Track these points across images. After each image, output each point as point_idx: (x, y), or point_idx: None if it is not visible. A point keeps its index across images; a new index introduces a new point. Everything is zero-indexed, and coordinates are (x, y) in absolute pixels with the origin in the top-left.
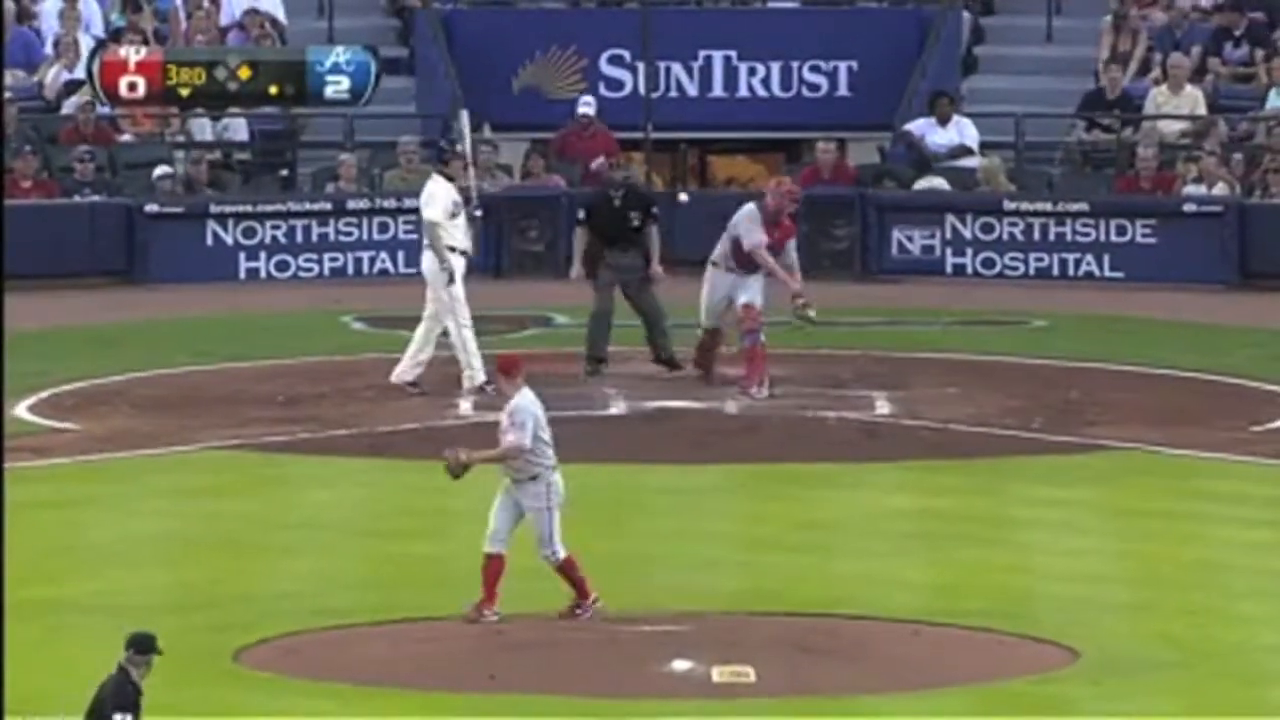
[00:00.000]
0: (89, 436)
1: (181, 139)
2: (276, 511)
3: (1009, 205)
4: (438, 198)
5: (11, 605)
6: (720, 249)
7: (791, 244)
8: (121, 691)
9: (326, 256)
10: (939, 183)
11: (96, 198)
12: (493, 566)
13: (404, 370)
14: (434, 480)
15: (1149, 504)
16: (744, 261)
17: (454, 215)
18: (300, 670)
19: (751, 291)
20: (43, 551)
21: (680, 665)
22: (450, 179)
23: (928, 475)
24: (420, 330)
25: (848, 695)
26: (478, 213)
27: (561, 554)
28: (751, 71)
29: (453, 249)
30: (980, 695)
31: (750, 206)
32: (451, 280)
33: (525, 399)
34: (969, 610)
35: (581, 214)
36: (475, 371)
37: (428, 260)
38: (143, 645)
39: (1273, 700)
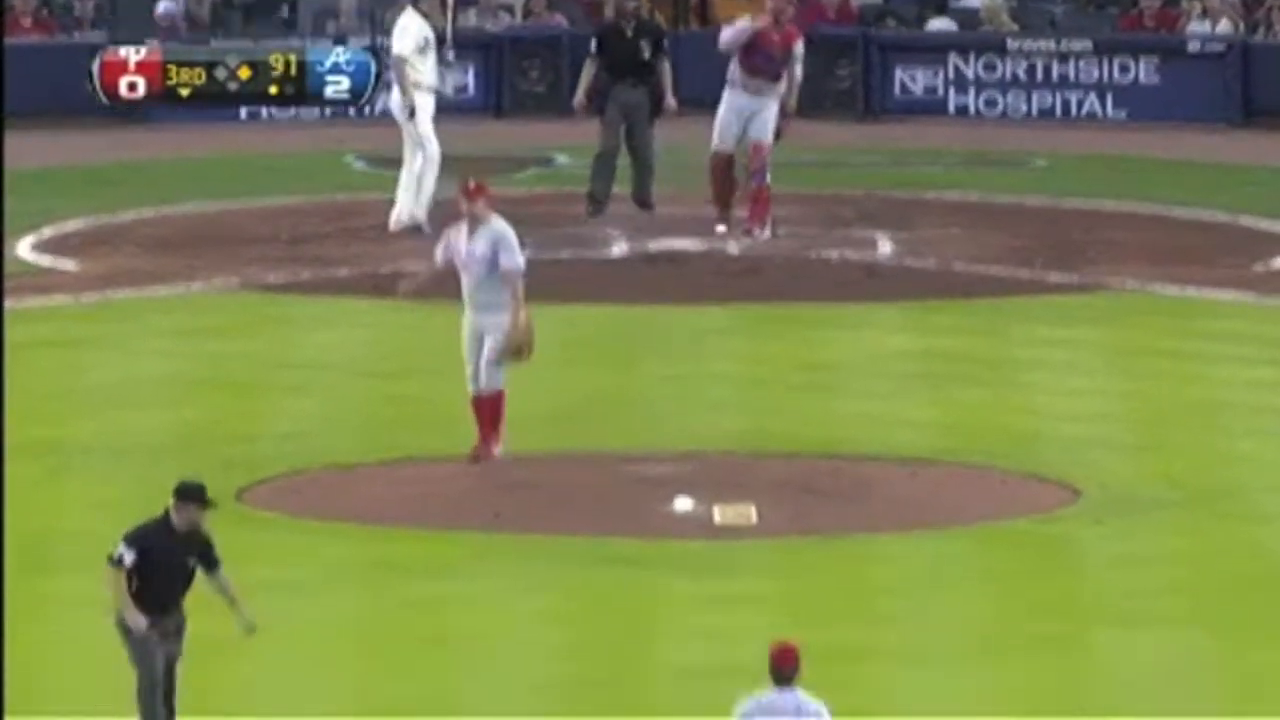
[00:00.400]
0: (91, 276)
1: None
2: (279, 351)
3: (1012, 44)
4: (409, 32)
5: (12, 445)
6: (731, 66)
7: (798, 51)
8: (141, 528)
9: None
10: (947, 23)
11: (97, 36)
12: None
13: (400, 215)
14: (437, 320)
15: (1151, 343)
16: (753, 69)
17: (423, 51)
18: (303, 510)
19: (763, 126)
20: (44, 392)
21: (682, 505)
22: (425, 15)
23: (930, 315)
24: (403, 174)
25: (850, 535)
26: (450, 55)
27: (501, 386)
28: None
29: (418, 85)
30: (982, 534)
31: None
32: (413, 115)
33: (504, 222)
34: (971, 450)
35: (593, 44)
36: (420, 210)
37: (394, 97)
38: (181, 492)
39: (1272, 540)
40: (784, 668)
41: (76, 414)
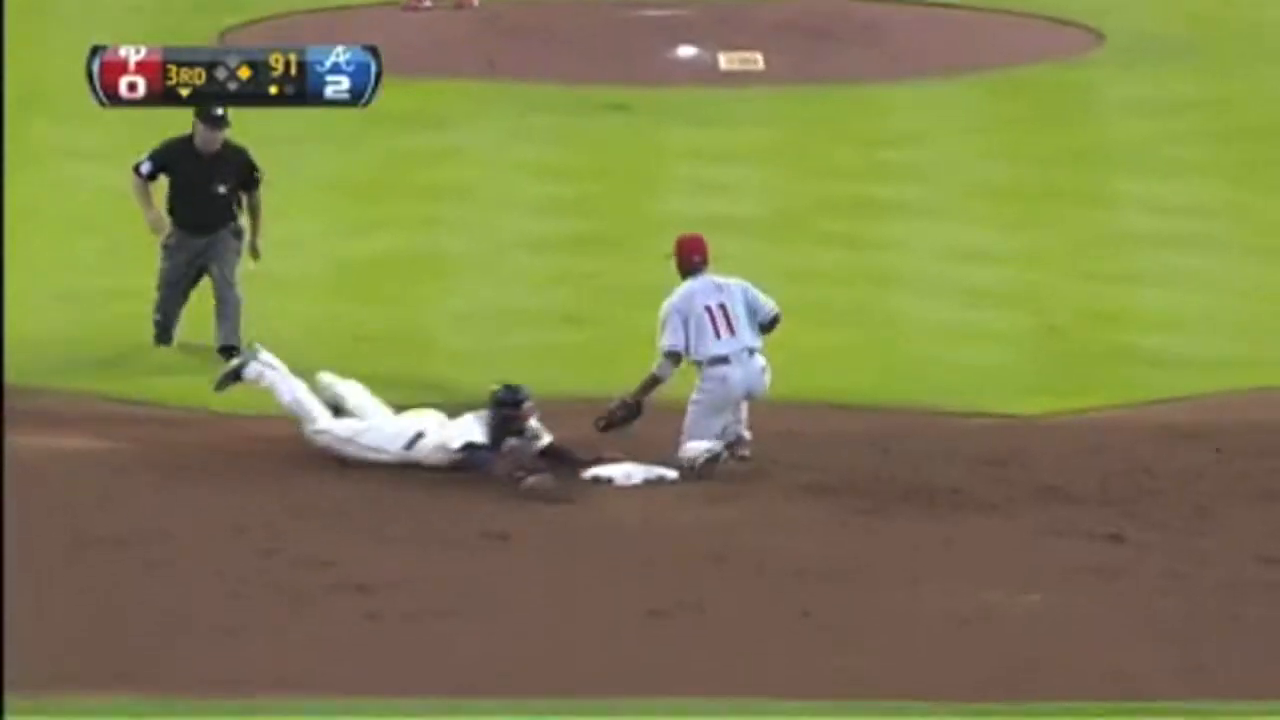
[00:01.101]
0: None
1: None
2: None
3: None
4: None
5: None
6: None
7: None
8: (164, 144)
9: None
10: None
11: None
12: None
13: None
14: None
15: None
16: None
17: None
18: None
19: None
20: None
21: (686, 52)
22: None
23: None
24: None
25: (860, 82)
26: None
27: None
28: None
29: None
30: (1000, 80)
31: None
32: None
33: None
34: None
35: None
36: None
37: None
38: (195, 110)
39: None
40: (693, 256)
41: None
